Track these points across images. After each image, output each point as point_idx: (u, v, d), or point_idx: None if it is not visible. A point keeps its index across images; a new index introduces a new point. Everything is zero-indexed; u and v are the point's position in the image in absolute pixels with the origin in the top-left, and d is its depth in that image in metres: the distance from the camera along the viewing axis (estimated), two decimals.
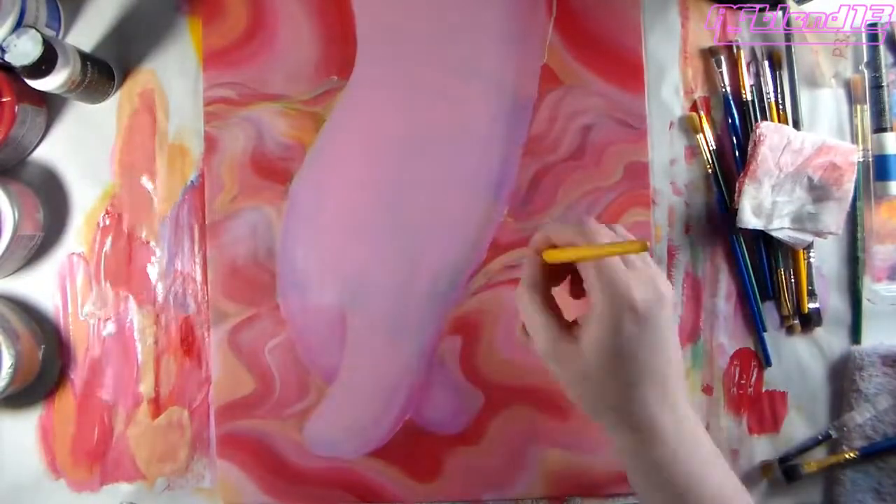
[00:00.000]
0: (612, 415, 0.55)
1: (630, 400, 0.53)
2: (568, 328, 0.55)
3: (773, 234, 0.69)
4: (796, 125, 0.71)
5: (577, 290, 0.58)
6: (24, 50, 0.59)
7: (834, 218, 0.69)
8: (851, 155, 0.69)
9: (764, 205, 0.69)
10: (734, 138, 0.72)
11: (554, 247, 0.56)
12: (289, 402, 0.70)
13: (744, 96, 0.72)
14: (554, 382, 0.69)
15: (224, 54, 0.70)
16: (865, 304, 0.72)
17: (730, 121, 0.72)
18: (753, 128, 0.70)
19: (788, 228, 0.70)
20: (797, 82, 0.72)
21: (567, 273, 0.58)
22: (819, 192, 0.69)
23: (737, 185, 0.70)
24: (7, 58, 0.60)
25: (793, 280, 0.71)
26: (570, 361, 0.54)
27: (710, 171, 0.71)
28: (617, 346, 0.52)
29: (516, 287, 0.57)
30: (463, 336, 0.70)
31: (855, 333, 0.72)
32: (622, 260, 0.54)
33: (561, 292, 0.58)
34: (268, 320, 0.70)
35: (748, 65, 0.72)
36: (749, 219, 0.69)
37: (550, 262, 0.56)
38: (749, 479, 0.72)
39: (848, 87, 0.73)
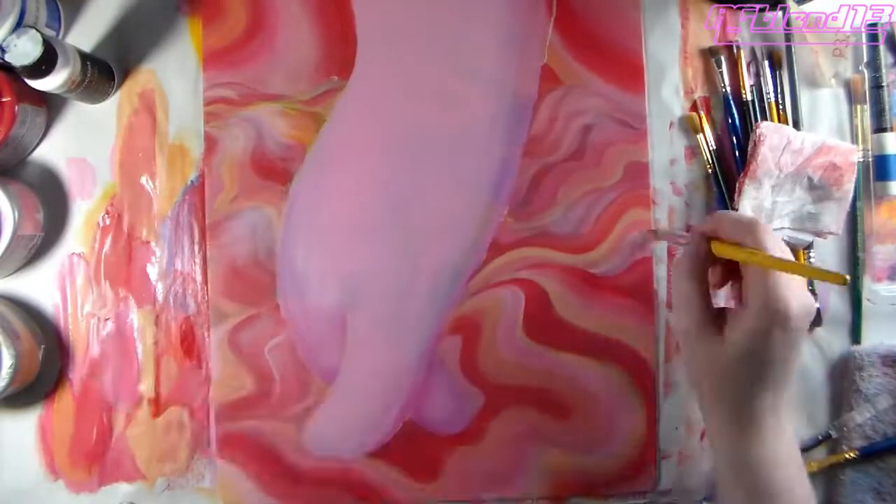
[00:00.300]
0: (727, 407, 0.57)
1: (751, 397, 0.55)
2: (714, 317, 0.57)
3: None
4: (796, 125, 0.71)
5: (726, 279, 0.60)
6: (25, 50, 0.59)
7: (834, 218, 0.69)
8: (851, 155, 0.69)
9: (764, 205, 0.69)
10: (734, 138, 0.72)
11: (719, 239, 0.57)
12: (289, 402, 0.69)
13: (744, 96, 0.72)
14: (554, 382, 0.70)
15: (224, 54, 0.70)
16: (865, 304, 0.72)
17: (730, 121, 0.72)
18: (753, 128, 0.70)
19: (788, 228, 0.70)
20: (797, 82, 0.72)
21: (723, 262, 0.60)
22: (819, 192, 0.69)
23: (737, 185, 0.70)
24: (7, 58, 0.60)
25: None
26: (709, 350, 0.56)
27: (710, 171, 0.71)
28: (761, 353, 0.54)
29: (675, 259, 0.59)
30: (463, 336, 0.70)
31: (855, 333, 0.72)
32: None
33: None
34: (268, 320, 0.70)
35: (748, 65, 0.72)
36: None
37: (720, 255, 0.57)
38: None
39: (848, 87, 0.73)
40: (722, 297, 0.71)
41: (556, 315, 0.70)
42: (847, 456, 0.70)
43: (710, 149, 0.72)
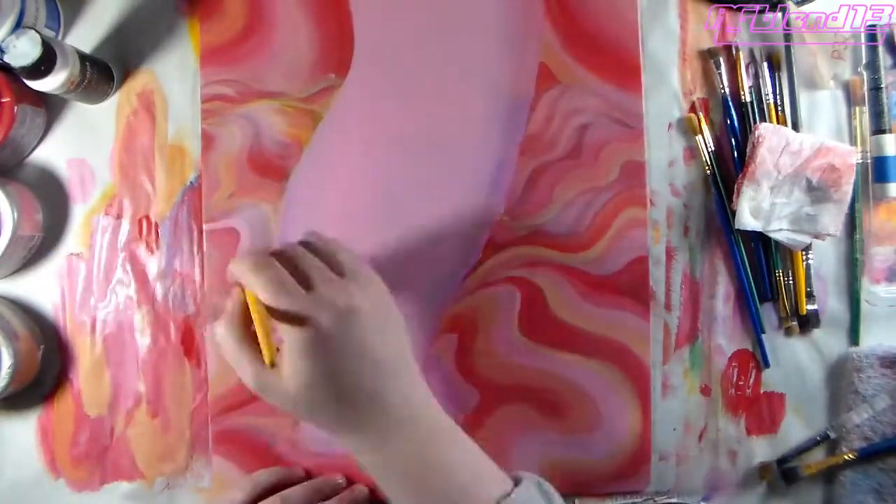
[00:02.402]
0: (340, 430, 0.55)
1: (343, 416, 0.54)
2: (266, 366, 0.55)
3: (772, 235, 0.69)
4: (795, 127, 0.71)
5: None
6: (24, 51, 0.59)
7: (832, 220, 0.69)
8: (850, 157, 0.69)
9: (762, 206, 0.69)
10: (733, 140, 0.72)
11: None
12: None
13: (743, 98, 0.72)
14: (549, 381, 0.70)
15: (222, 51, 0.70)
16: (864, 305, 0.72)
17: (728, 122, 0.72)
18: (752, 129, 0.70)
19: (787, 230, 0.69)
20: (796, 84, 0.72)
21: None
22: (817, 193, 0.69)
23: (735, 186, 0.70)
24: (6, 58, 0.60)
25: (791, 281, 0.71)
26: (278, 393, 0.54)
27: (708, 172, 0.71)
28: (313, 373, 0.52)
29: (215, 326, 0.56)
30: (458, 334, 0.70)
31: (853, 335, 0.72)
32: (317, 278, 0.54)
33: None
34: None
35: (747, 66, 0.72)
36: (747, 220, 0.69)
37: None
38: (747, 481, 0.72)
39: (847, 88, 0.73)
40: (720, 302, 0.71)
41: (552, 314, 0.70)
42: (846, 457, 0.70)
43: (709, 150, 0.71)
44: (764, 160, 0.68)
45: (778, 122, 0.71)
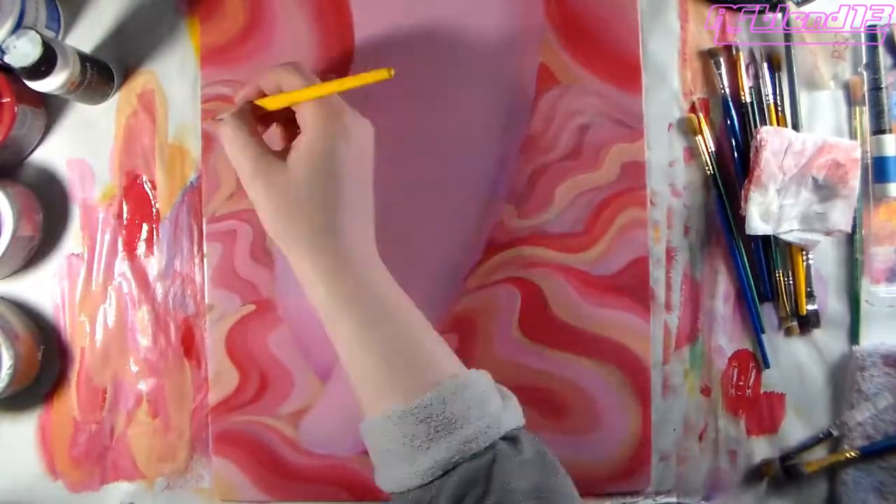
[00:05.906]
0: (310, 241, 0.57)
1: (327, 218, 0.57)
2: (273, 152, 0.59)
3: (784, 237, 0.69)
4: (795, 127, 0.71)
5: (291, 135, 0.62)
6: (24, 51, 0.59)
7: (842, 215, 0.69)
8: (853, 151, 0.69)
9: (771, 209, 0.69)
10: (733, 140, 0.72)
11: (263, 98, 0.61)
12: (284, 400, 0.70)
13: (743, 98, 0.72)
14: (549, 381, 0.69)
15: (222, 51, 0.70)
16: (864, 305, 0.72)
17: (729, 123, 0.72)
18: (754, 133, 0.70)
19: (798, 230, 0.69)
20: (796, 84, 0.72)
21: (280, 121, 0.64)
22: (825, 191, 0.69)
23: (742, 192, 0.69)
24: (6, 59, 0.60)
25: (791, 281, 0.71)
26: (275, 178, 0.57)
27: (708, 172, 0.71)
28: (329, 170, 0.57)
29: (225, 120, 0.60)
30: (459, 334, 0.70)
31: (853, 335, 0.72)
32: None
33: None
34: (265, 318, 0.70)
35: (747, 66, 0.72)
36: (758, 225, 0.69)
37: (272, 107, 0.60)
38: (748, 481, 0.72)
39: (847, 88, 0.73)
40: (720, 302, 0.71)
41: (552, 314, 0.70)
42: (848, 455, 0.70)
43: (709, 150, 0.71)
44: (768, 163, 0.68)
45: (778, 123, 0.71)
